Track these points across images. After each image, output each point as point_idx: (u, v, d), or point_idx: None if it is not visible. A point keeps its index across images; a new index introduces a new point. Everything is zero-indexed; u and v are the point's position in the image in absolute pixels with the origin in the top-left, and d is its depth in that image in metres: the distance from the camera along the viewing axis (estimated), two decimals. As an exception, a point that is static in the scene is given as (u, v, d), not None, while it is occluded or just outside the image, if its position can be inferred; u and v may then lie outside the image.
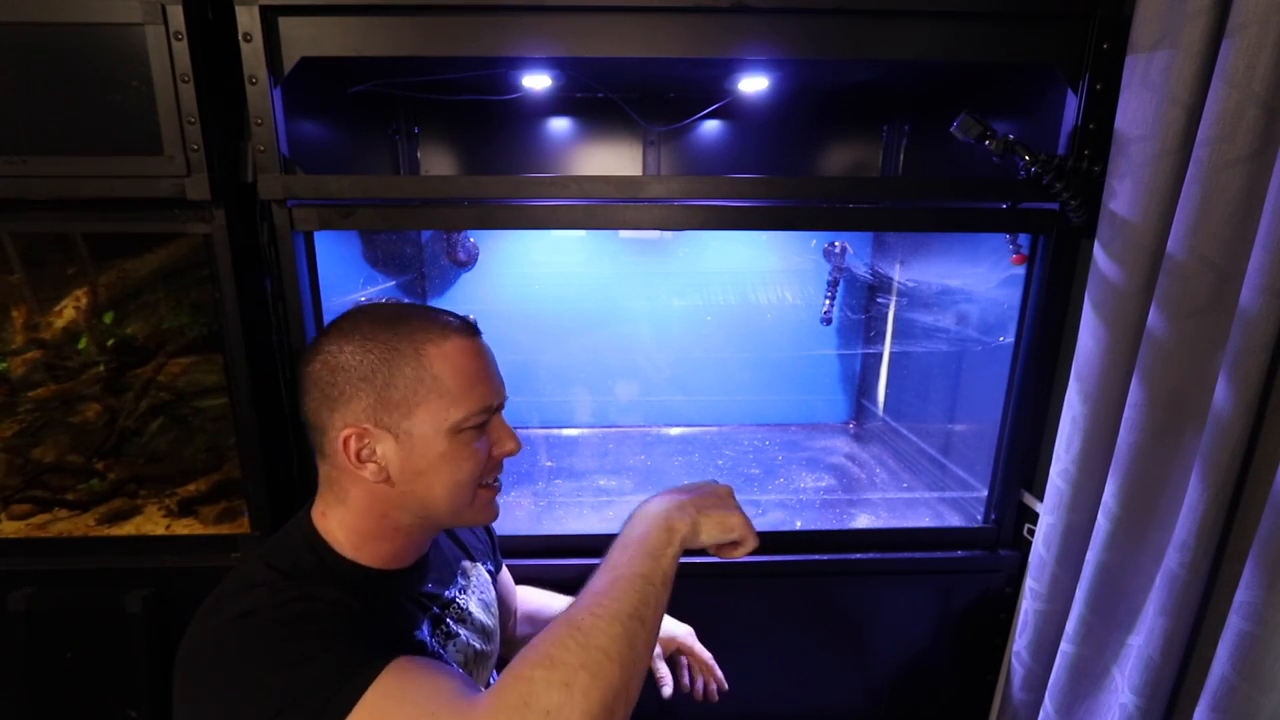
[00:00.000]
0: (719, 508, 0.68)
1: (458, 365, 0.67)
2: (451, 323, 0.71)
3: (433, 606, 0.78)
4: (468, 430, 0.68)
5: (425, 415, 0.66)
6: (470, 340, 0.70)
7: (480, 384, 0.69)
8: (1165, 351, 0.89)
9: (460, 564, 0.87)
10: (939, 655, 1.28)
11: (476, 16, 0.95)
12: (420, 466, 0.67)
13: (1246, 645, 0.80)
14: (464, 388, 0.67)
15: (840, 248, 1.63)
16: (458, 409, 0.67)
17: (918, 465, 1.54)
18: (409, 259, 1.63)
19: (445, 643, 0.78)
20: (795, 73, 1.31)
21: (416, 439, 0.66)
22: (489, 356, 0.72)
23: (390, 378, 0.65)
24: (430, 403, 0.66)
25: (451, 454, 0.68)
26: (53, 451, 1.18)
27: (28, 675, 1.14)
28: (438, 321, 0.70)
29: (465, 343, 0.69)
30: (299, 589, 0.63)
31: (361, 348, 0.66)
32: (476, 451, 0.69)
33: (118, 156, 0.94)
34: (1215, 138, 0.80)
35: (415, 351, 0.66)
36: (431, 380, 0.66)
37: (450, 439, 0.67)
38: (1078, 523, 1.04)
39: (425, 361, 0.66)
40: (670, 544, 0.63)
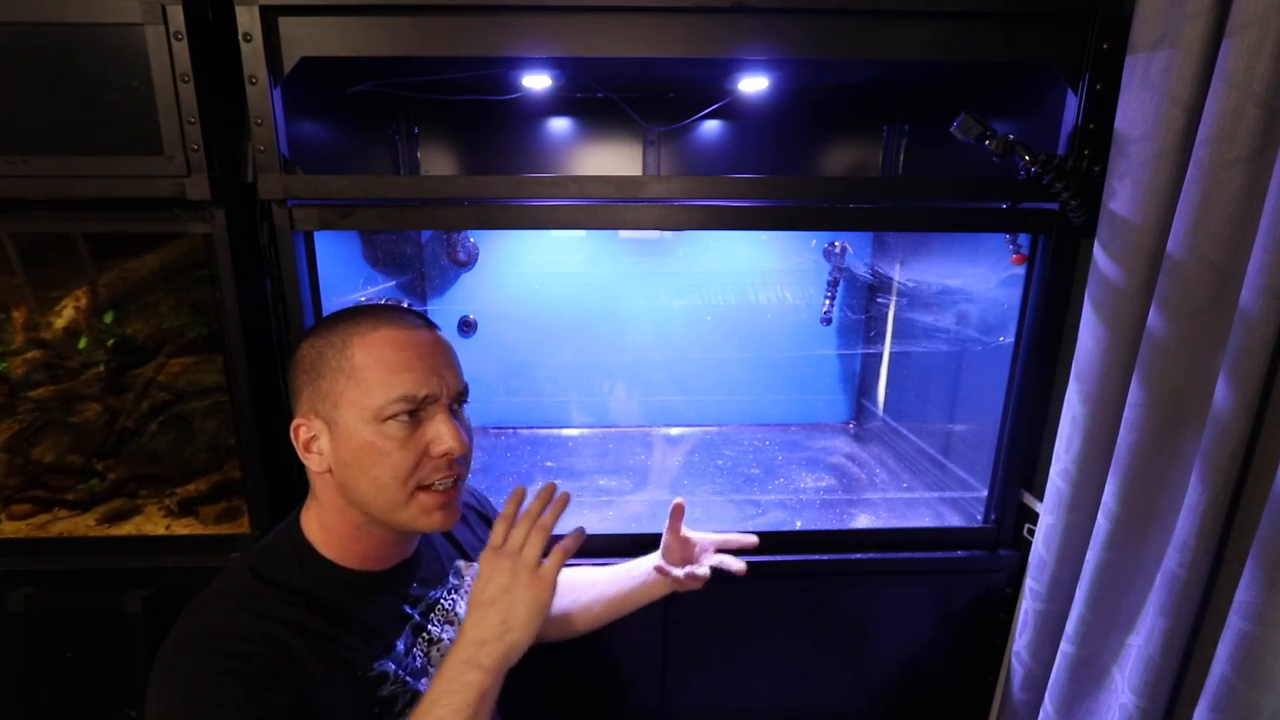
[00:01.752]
0: (507, 605, 0.66)
1: (379, 355, 0.68)
2: (389, 316, 0.71)
3: (415, 613, 0.78)
4: (391, 421, 0.67)
5: (348, 405, 0.68)
6: (399, 331, 0.70)
7: (402, 373, 0.68)
8: (1165, 351, 0.89)
9: (453, 564, 0.87)
10: (939, 655, 1.28)
11: (476, 16, 0.95)
12: (346, 457, 0.69)
13: (1246, 645, 0.79)
14: (382, 376, 0.67)
15: (840, 248, 1.63)
16: (372, 397, 0.67)
17: (918, 465, 1.54)
18: (409, 259, 1.63)
19: (428, 649, 0.78)
20: (795, 72, 1.31)
21: (342, 428, 0.68)
22: (424, 348, 0.70)
23: (321, 368, 0.69)
24: (350, 392, 0.68)
25: (373, 445, 0.68)
26: (53, 451, 1.18)
27: (28, 675, 1.14)
28: (377, 315, 0.71)
29: (393, 333, 0.69)
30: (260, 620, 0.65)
31: (310, 343, 0.70)
32: (402, 445, 0.68)
33: (118, 156, 0.94)
34: (1215, 138, 0.80)
35: (342, 343, 0.69)
36: (350, 369, 0.68)
37: (372, 429, 0.67)
38: (1078, 523, 1.04)
39: (349, 352, 0.68)
40: (468, 688, 0.63)
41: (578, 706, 1.26)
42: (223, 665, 0.61)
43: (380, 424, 0.67)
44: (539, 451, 1.69)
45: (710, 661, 1.26)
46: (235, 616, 0.65)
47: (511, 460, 1.63)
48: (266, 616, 0.66)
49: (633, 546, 1.20)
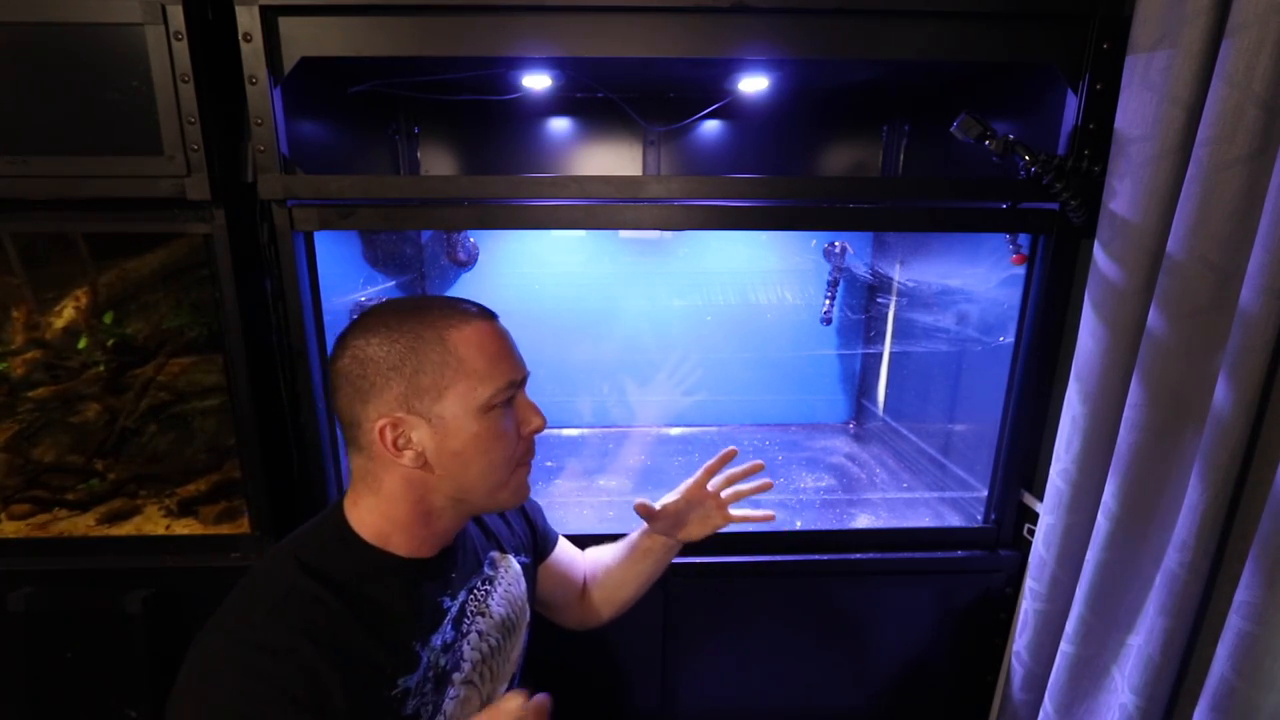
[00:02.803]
0: None
1: (480, 346, 0.70)
2: (470, 308, 0.74)
3: (453, 605, 0.78)
4: (497, 408, 0.71)
5: (454, 397, 0.69)
6: (490, 323, 0.73)
7: (503, 361, 0.72)
8: (1165, 351, 0.89)
9: (488, 555, 0.86)
10: (939, 655, 1.28)
11: (476, 16, 0.95)
12: (455, 448, 0.70)
13: (1246, 645, 0.80)
14: (488, 367, 0.70)
15: (840, 248, 1.63)
16: (485, 387, 0.69)
17: (918, 465, 1.54)
18: (409, 259, 1.63)
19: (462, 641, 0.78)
20: (795, 73, 1.31)
21: (449, 421, 0.69)
22: (508, 336, 0.75)
23: (419, 364, 0.68)
24: (458, 384, 0.69)
25: (484, 433, 0.70)
26: (53, 451, 1.18)
27: (28, 675, 1.14)
28: (457, 308, 0.73)
29: (485, 325, 0.72)
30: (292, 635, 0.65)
31: (388, 339, 0.69)
32: (506, 430, 0.72)
33: (118, 156, 0.94)
34: (1215, 138, 0.80)
35: (439, 337, 0.69)
36: (457, 363, 0.69)
37: (481, 418, 0.70)
38: (1078, 523, 1.04)
39: (450, 345, 0.69)
40: None
41: (578, 706, 1.26)
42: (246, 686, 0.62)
43: (488, 413, 0.70)
44: (539, 451, 1.68)
45: (710, 661, 1.26)
46: (268, 624, 0.65)
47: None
48: (299, 629, 0.65)
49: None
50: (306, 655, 0.64)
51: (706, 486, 0.97)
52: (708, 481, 0.97)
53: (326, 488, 1.12)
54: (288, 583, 0.68)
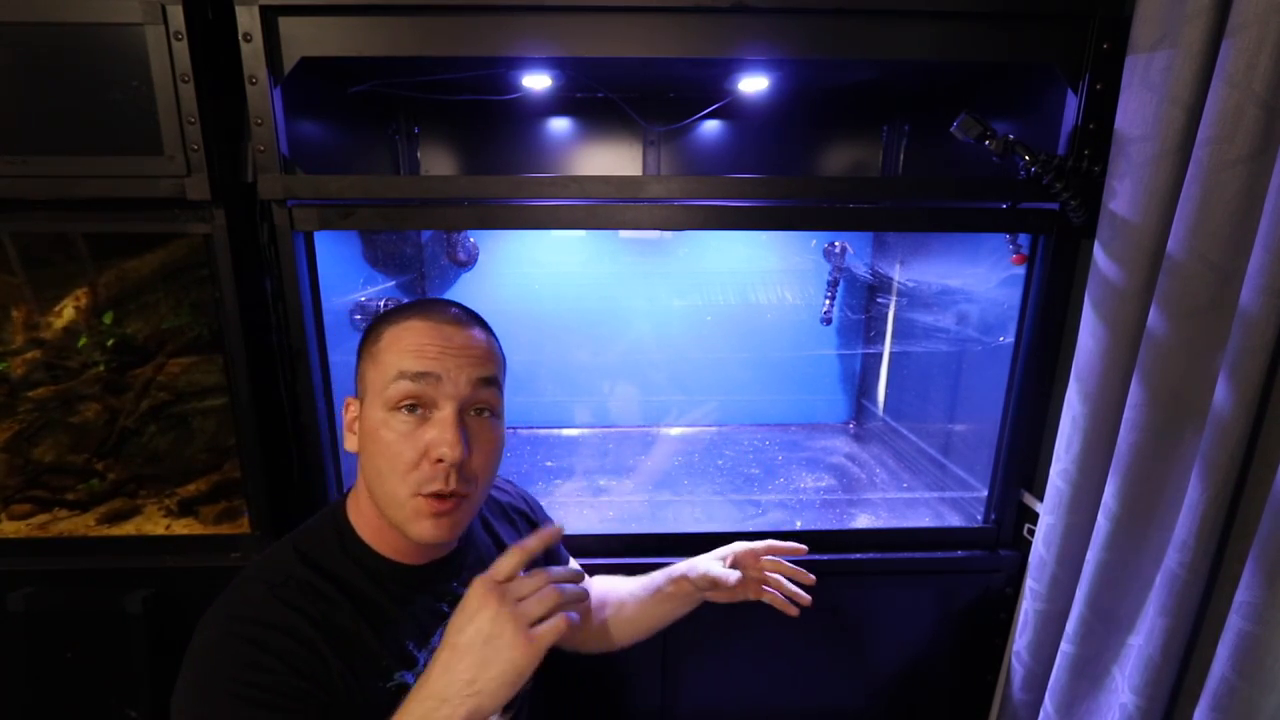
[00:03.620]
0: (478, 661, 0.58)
1: (398, 339, 0.69)
2: (429, 307, 0.72)
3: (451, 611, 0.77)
4: (399, 412, 0.67)
5: (368, 387, 0.71)
6: (427, 319, 0.70)
7: (409, 354, 0.67)
8: (1165, 351, 0.89)
9: None
10: (939, 655, 1.28)
11: (476, 16, 0.95)
12: (363, 440, 0.71)
13: (1246, 645, 0.79)
14: (394, 358, 0.68)
15: (840, 248, 1.63)
16: (383, 378, 0.68)
17: (918, 465, 1.54)
18: (409, 259, 1.63)
19: None
20: (795, 73, 1.31)
21: (365, 411, 0.71)
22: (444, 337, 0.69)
23: (361, 351, 0.73)
24: (369, 373, 0.70)
25: (379, 432, 0.68)
26: (53, 451, 1.18)
27: (28, 675, 1.14)
28: (421, 306, 0.73)
29: (420, 321, 0.70)
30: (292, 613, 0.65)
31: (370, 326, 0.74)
32: (403, 438, 0.67)
33: (118, 156, 0.94)
34: (1215, 138, 0.80)
35: (379, 329, 0.71)
36: (375, 352, 0.70)
37: (383, 416, 0.68)
38: (1078, 523, 1.04)
39: (380, 338, 0.70)
40: None
41: (578, 706, 1.26)
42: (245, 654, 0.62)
43: (389, 411, 0.68)
44: (539, 451, 1.69)
45: (710, 661, 1.26)
46: (267, 603, 0.65)
47: (511, 460, 1.63)
48: (297, 608, 0.65)
49: (633, 547, 1.20)
50: (306, 632, 0.64)
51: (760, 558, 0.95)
52: (764, 554, 0.95)
53: (326, 488, 1.12)
54: (285, 570, 0.69)
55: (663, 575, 0.97)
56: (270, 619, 0.64)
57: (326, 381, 1.09)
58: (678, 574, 0.95)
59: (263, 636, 0.63)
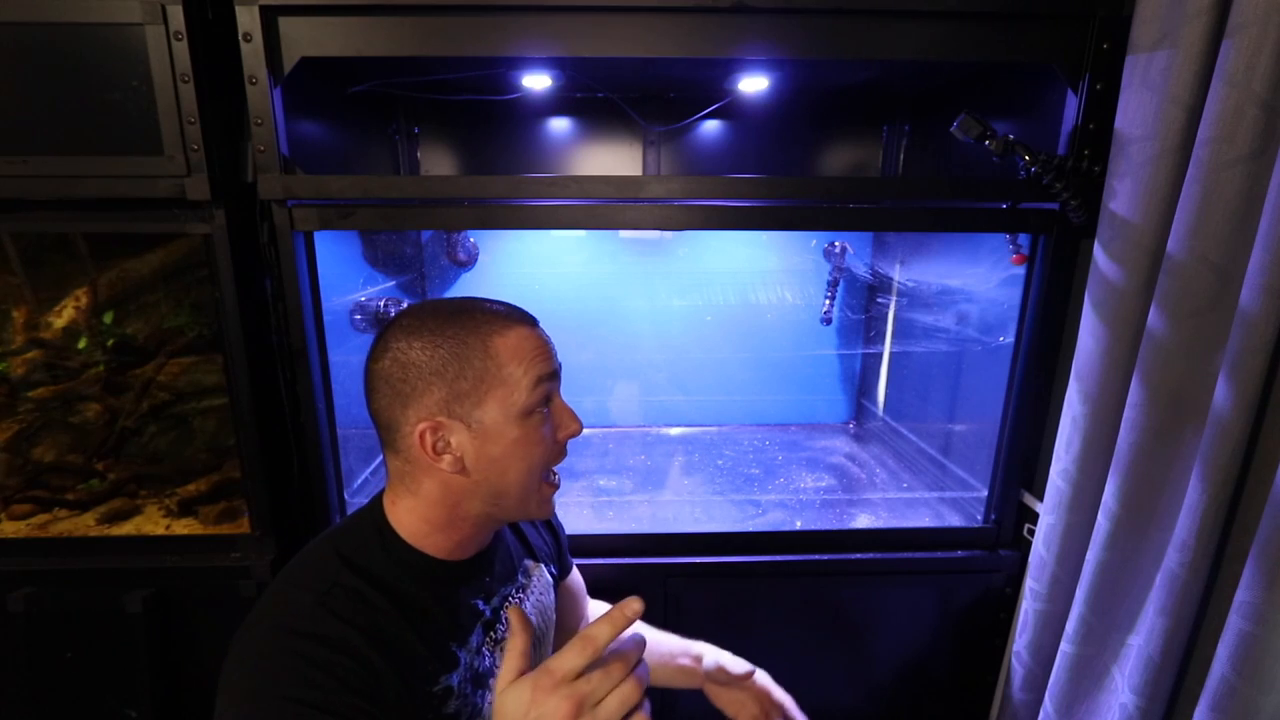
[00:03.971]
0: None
1: (520, 352, 0.70)
2: (512, 313, 0.74)
3: (486, 609, 0.78)
4: (536, 412, 0.70)
5: (495, 403, 0.68)
6: (531, 328, 0.73)
7: (539, 361, 0.71)
8: (1165, 351, 0.89)
9: (523, 562, 0.86)
10: (939, 655, 1.28)
11: (476, 16, 0.95)
12: (494, 454, 0.69)
13: (1246, 645, 0.80)
14: (525, 371, 0.70)
15: (840, 248, 1.63)
16: (522, 392, 0.69)
17: (918, 465, 1.54)
18: (409, 259, 1.63)
19: (495, 649, 0.78)
20: (795, 73, 1.31)
21: (489, 427, 0.68)
22: (545, 338, 0.74)
23: (460, 370, 0.68)
24: (498, 390, 0.68)
25: (523, 438, 0.69)
26: (53, 451, 1.18)
27: (28, 675, 1.14)
28: (500, 313, 0.72)
29: (527, 330, 0.72)
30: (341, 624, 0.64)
31: (431, 343, 0.68)
32: (545, 435, 0.71)
33: (118, 156, 0.94)
34: (1215, 138, 0.80)
35: (483, 343, 0.69)
36: (498, 369, 0.68)
37: (520, 423, 0.69)
38: (1078, 523, 1.04)
39: (492, 351, 0.68)
40: None
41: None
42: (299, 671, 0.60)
43: (528, 418, 0.70)
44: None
45: (710, 661, 1.26)
46: (316, 614, 0.64)
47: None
48: (346, 619, 0.65)
49: (633, 547, 1.20)
50: (357, 644, 0.64)
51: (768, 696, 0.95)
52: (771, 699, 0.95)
53: (326, 488, 1.12)
54: (331, 577, 0.68)
55: (681, 649, 0.99)
56: (322, 632, 0.63)
57: (326, 381, 1.09)
58: (695, 652, 0.98)
59: (315, 652, 0.62)
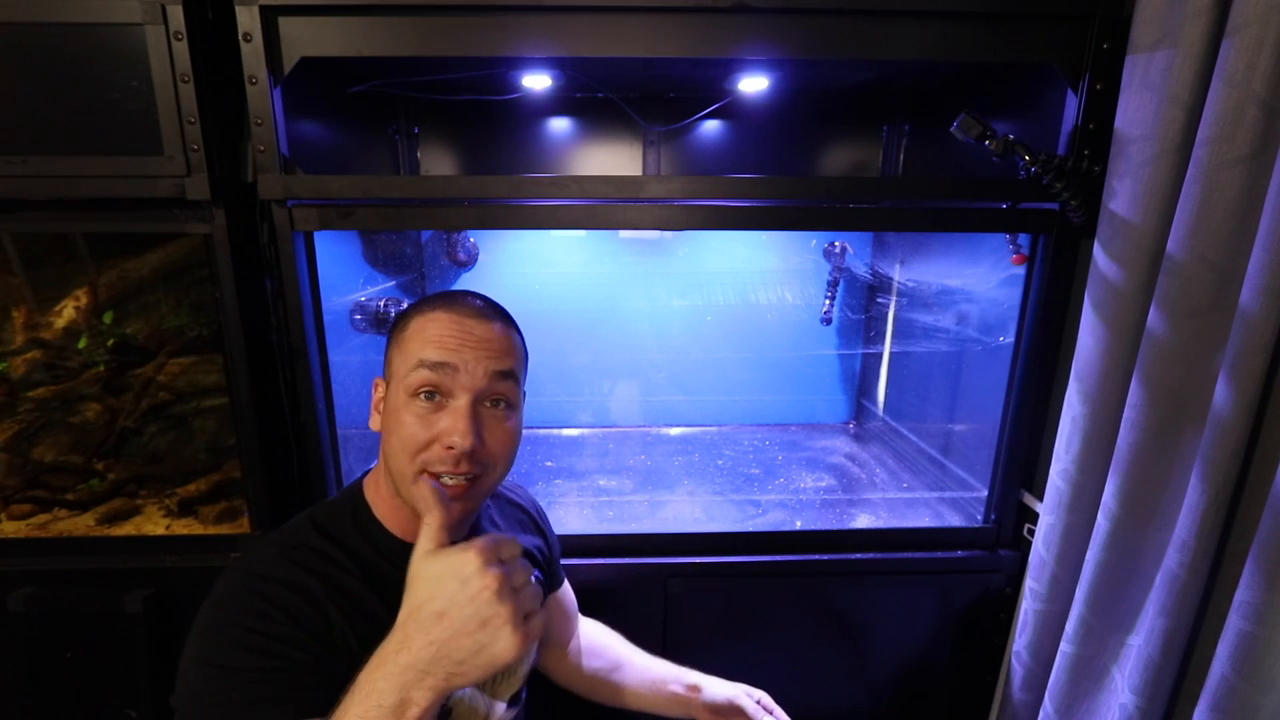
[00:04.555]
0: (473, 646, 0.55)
1: (423, 330, 0.72)
2: (457, 300, 0.75)
3: None
4: (418, 398, 0.70)
5: (393, 372, 0.73)
6: (452, 311, 0.73)
7: (430, 345, 0.70)
8: (1165, 351, 0.89)
9: None
10: (939, 655, 1.28)
11: (476, 16, 0.95)
12: (385, 419, 0.74)
13: (1246, 645, 0.79)
14: (417, 347, 0.71)
15: (840, 248, 1.63)
16: (405, 368, 0.71)
17: (918, 465, 1.54)
18: (409, 259, 1.63)
19: None
20: (795, 73, 1.31)
21: (390, 391, 0.74)
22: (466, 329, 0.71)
23: (391, 337, 0.75)
24: (395, 359, 0.73)
25: (399, 414, 0.71)
26: (53, 451, 1.18)
27: (28, 675, 1.14)
28: (450, 298, 0.75)
29: (446, 313, 0.72)
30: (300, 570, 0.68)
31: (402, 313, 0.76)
32: (419, 421, 0.70)
33: (118, 156, 0.94)
34: (1215, 138, 0.80)
35: (407, 319, 0.74)
36: (402, 340, 0.73)
37: (404, 400, 0.71)
38: (1078, 523, 1.04)
39: (410, 326, 0.73)
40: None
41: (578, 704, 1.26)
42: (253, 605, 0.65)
43: (409, 397, 0.70)
44: (539, 451, 1.69)
45: (710, 661, 1.25)
46: (278, 562, 0.69)
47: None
48: (308, 569, 0.69)
49: (633, 546, 1.20)
50: (315, 591, 0.67)
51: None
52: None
53: (326, 488, 1.12)
54: (300, 537, 0.72)
55: (676, 678, 0.97)
56: (279, 575, 0.67)
57: (326, 381, 1.09)
58: (690, 681, 0.96)
59: (270, 591, 0.66)
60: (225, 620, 0.64)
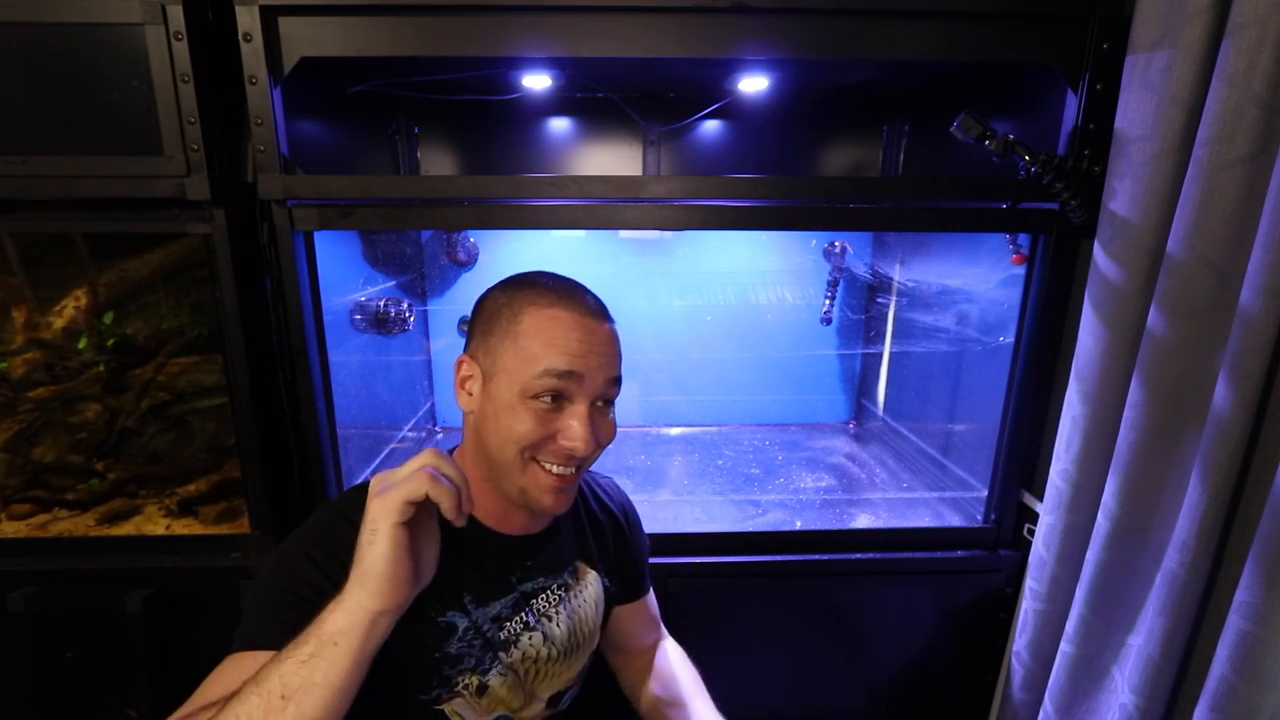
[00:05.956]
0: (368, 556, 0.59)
1: (545, 329, 0.70)
2: (570, 295, 0.74)
3: (521, 588, 0.78)
4: (538, 399, 0.69)
5: (504, 368, 0.71)
6: (572, 312, 0.72)
7: (558, 350, 0.69)
8: (1165, 351, 0.89)
9: (574, 563, 0.85)
10: (939, 655, 1.28)
11: (476, 16, 0.95)
12: (489, 410, 0.72)
13: (1246, 645, 0.80)
14: (540, 351, 0.69)
15: (840, 248, 1.63)
16: (526, 369, 0.69)
17: (918, 465, 1.54)
18: (409, 259, 1.63)
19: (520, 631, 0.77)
20: (795, 73, 1.31)
21: (495, 384, 0.71)
22: (588, 333, 0.71)
23: (493, 325, 0.73)
24: (508, 356, 0.71)
25: (514, 411, 0.70)
26: (53, 451, 1.18)
27: (28, 675, 1.14)
28: (558, 291, 0.74)
29: (564, 313, 0.71)
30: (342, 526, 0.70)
31: (494, 296, 0.76)
32: (538, 423, 0.70)
33: (118, 156, 0.94)
34: (1215, 138, 0.80)
35: (518, 308, 0.72)
36: (516, 334, 0.71)
37: (519, 399, 0.70)
38: (1078, 523, 1.04)
39: (520, 318, 0.71)
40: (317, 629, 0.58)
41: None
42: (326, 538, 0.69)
43: (527, 399, 0.70)
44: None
45: (710, 662, 1.25)
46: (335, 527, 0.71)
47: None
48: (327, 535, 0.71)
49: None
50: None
51: None
52: None
53: (327, 488, 1.12)
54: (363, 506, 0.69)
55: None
56: (328, 539, 0.70)
57: (326, 381, 1.09)
58: None
59: (315, 551, 0.69)
60: (300, 541, 0.70)
